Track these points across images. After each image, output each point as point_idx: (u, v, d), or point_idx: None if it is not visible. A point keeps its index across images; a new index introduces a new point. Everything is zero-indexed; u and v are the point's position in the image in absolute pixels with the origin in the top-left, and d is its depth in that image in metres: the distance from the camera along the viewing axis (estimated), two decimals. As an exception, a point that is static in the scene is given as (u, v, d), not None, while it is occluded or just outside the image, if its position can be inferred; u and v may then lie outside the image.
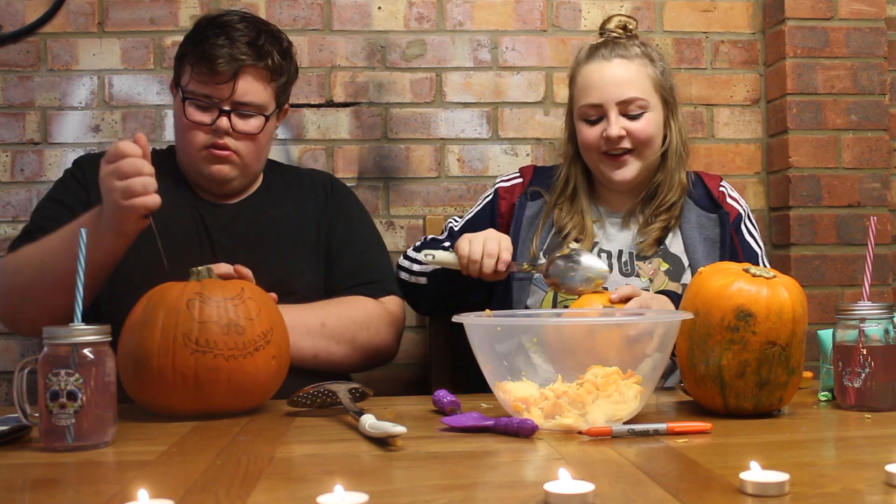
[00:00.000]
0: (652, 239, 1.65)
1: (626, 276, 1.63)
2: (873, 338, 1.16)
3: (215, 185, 1.61)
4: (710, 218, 1.68)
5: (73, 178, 1.63)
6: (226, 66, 1.51)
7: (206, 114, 1.55)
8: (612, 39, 1.66)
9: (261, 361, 1.20)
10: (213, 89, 1.53)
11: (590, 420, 1.03)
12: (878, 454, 0.90)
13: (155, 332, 1.16)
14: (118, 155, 1.30)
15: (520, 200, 1.72)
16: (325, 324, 1.52)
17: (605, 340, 1.12)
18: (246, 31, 1.55)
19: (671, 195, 1.67)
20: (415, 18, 2.16)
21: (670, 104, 1.67)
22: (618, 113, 1.61)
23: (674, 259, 1.65)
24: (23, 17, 2.07)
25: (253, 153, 1.60)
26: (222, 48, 1.51)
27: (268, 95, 1.59)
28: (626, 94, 1.61)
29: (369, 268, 1.67)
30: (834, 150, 2.14)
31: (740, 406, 1.12)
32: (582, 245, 1.64)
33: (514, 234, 1.67)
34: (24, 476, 0.89)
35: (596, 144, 1.64)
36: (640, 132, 1.62)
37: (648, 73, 1.63)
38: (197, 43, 1.54)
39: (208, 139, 1.55)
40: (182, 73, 1.58)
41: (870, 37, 2.14)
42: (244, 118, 1.56)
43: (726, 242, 1.65)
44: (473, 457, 0.93)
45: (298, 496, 0.76)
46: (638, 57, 1.64)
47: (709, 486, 0.77)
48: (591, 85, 1.63)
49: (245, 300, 1.22)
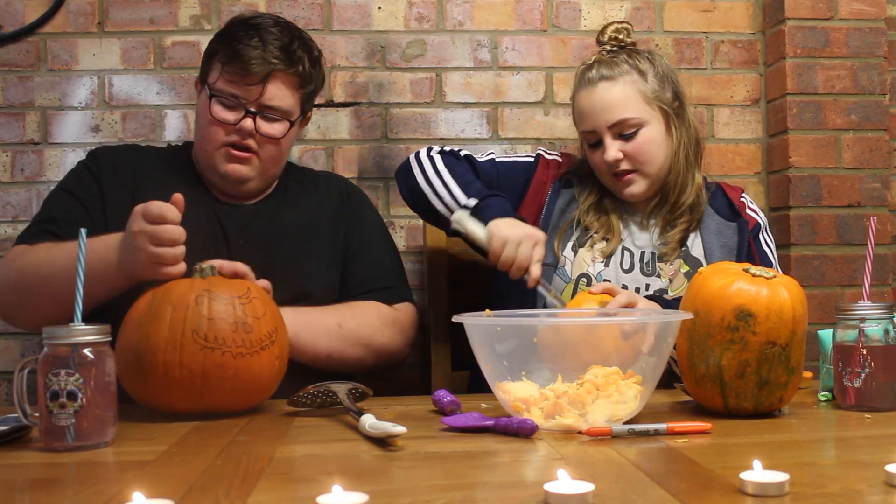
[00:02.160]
0: (675, 242, 1.65)
1: (647, 277, 1.63)
2: (873, 338, 1.16)
3: (230, 184, 1.60)
4: (729, 226, 1.68)
5: (87, 170, 1.61)
6: (257, 68, 1.51)
7: (231, 113, 1.54)
8: (598, 60, 1.64)
9: (266, 361, 1.20)
10: (241, 90, 1.53)
11: (590, 420, 1.03)
12: (878, 454, 0.90)
13: (162, 327, 1.15)
14: (158, 217, 1.26)
15: (554, 186, 1.72)
16: (341, 325, 1.52)
17: (604, 339, 1.12)
18: (279, 36, 1.54)
19: (685, 197, 1.67)
20: (415, 18, 2.16)
21: (669, 112, 1.64)
22: (612, 136, 1.61)
23: (694, 262, 1.65)
24: (23, 17, 2.07)
25: (273, 157, 1.60)
26: (255, 49, 1.51)
27: (294, 102, 1.59)
28: (615, 118, 1.60)
29: (384, 274, 1.68)
30: (834, 150, 2.14)
31: (740, 406, 1.12)
32: (609, 244, 1.64)
33: (546, 220, 1.67)
34: (24, 476, 0.89)
35: (602, 168, 1.66)
36: (636, 152, 1.61)
37: (638, 88, 1.61)
38: (230, 42, 1.53)
39: (229, 138, 1.55)
40: (211, 70, 1.57)
41: (870, 37, 2.14)
42: (269, 121, 1.56)
43: (743, 251, 1.66)
44: (473, 457, 0.93)
45: (298, 496, 0.76)
46: (624, 74, 1.61)
47: (709, 486, 0.77)
48: (583, 112, 1.64)
49: (252, 299, 1.22)
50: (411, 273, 2.13)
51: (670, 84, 1.66)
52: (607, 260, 1.64)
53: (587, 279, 1.61)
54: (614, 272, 1.63)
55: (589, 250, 1.64)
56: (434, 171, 1.66)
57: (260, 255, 1.55)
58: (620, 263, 1.64)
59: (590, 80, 1.63)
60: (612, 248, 1.64)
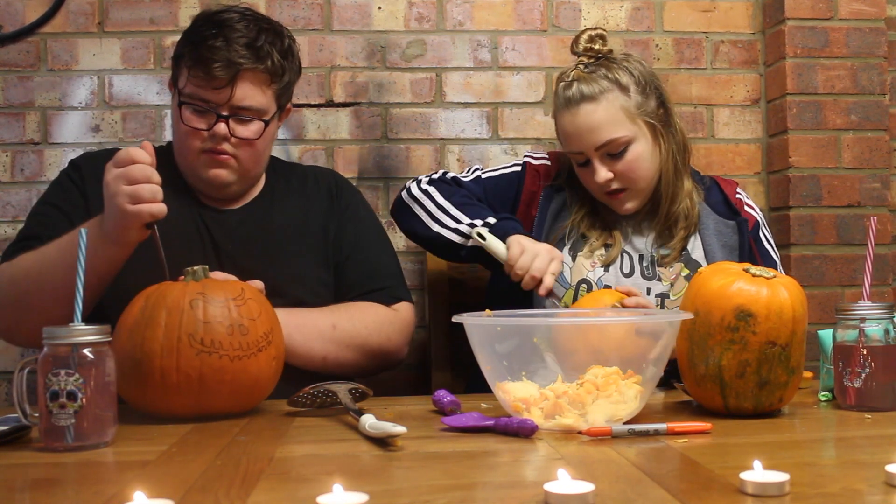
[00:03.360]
0: (676, 251, 1.64)
1: (648, 280, 1.63)
2: (873, 338, 1.16)
3: (214, 189, 1.58)
4: (728, 225, 1.68)
5: (70, 180, 1.58)
6: (222, 72, 1.46)
7: (203, 119, 1.50)
8: (577, 78, 1.59)
9: (263, 363, 1.19)
10: (210, 94, 1.48)
11: (590, 420, 1.03)
12: (878, 454, 0.90)
13: (157, 332, 1.14)
14: (128, 160, 1.28)
15: (546, 192, 1.70)
16: (336, 327, 1.50)
17: (607, 338, 1.12)
18: (245, 32, 1.49)
19: (676, 206, 1.65)
20: (415, 18, 2.16)
21: (655, 124, 1.61)
22: (600, 157, 1.59)
23: (695, 265, 1.64)
24: (23, 17, 2.07)
25: (252, 158, 1.56)
26: (219, 51, 1.46)
27: (267, 99, 1.53)
28: (601, 139, 1.57)
29: (380, 274, 1.65)
30: (834, 150, 2.14)
31: (740, 406, 1.12)
32: (610, 251, 1.64)
33: (539, 224, 1.66)
34: (24, 476, 0.89)
35: (593, 187, 1.64)
36: (626, 171, 1.59)
37: (621, 105, 1.57)
38: (194, 44, 1.48)
39: (205, 144, 1.51)
40: (179, 74, 1.53)
41: (870, 37, 2.14)
42: (243, 123, 1.51)
43: (745, 249, 1.65)
44: (473, 457, 0.93)
45: (298, 496, 0.76)
46: (606, 91, 1.57)
47: (709, 486, 0.77)
48: (568, 135, 1.61)
49: (247, 301, 1.21)
50: (411, 273, 2.13)
51: (653, 91, 1.62)
52: (607, 266, 1.63)
53: (587, 285, 1.60)
54: (615, 277, 1.62)
55: (588, 256, 1.63)
56: (435, 205, 1.65)
57: (249, 260, 1.53)
58: (620, 267, 1.63)
59: (570, 101, 1.58)
60: (613, 256, 1.63)
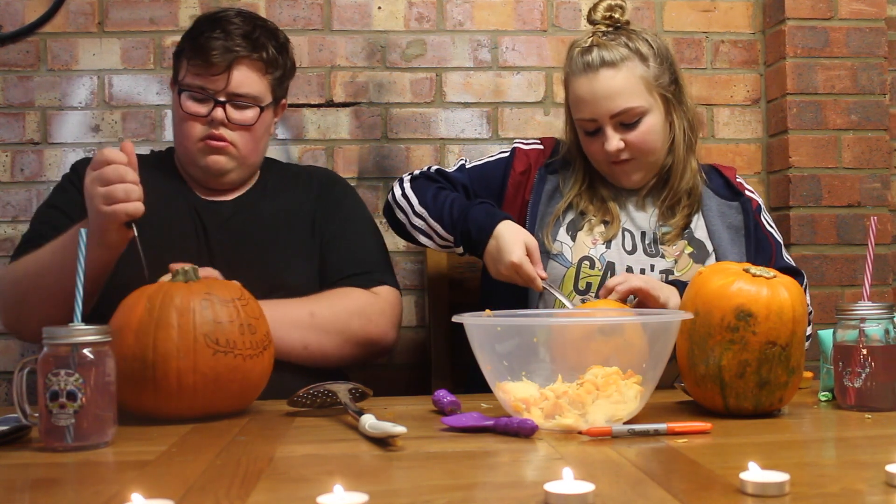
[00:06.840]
0: (678, 228, 1.64)
1: (651, 258, 1.61)
2: (873, 338, 1.16)
3: (212, 177, 1.61)
4: (731, 206, 1.67)
5: (70, 183, 1.63)
6: (220, 58, 1.54)
7: (201, 105, 1.57)
8: (597, 43, 1.57)
9: (266, 361, 1.21)
10: (208, 81, 1.56)
11: (590, 420, 1.03)
12: (878, 454, 0.90)
13: (171, 333, 1.12)
14: (102, 162, 1.31)
15: (540, 173, 1.68)
16: (314, 314, 1.51)
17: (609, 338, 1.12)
18: (241, 25, 1.58)
19: (684, 182, 1.65)
20: (415, 18, 2.16)
21: (669, 97, 1.61)
22: (614, 126, 1.57)
23: (698, 244, 1.64)
24: (23, 17, 2.07)
25: (249, 144, 1.61)
26: (217, 40, 1.54)
27: (263, 87, 1.61)
28: (618, 107, 1.55)
29: (361, 259, 1.66)
30: (834, 150, 2.14)
31: (740, 406, 1.12)
32: (609, 228, 1.63)
33: (533, 207, 1.65)
34: (24, 476, 0.89)
35: (599, 157, 1.63)
36: (638, 142, 1.58)
37: (639, 74, 1.56)
38: (194, 38, 1.57)
39: (204, 131, 1.57)
40: (179, 68, 1.61)
41: (870, 37, 2.14)
42: (239, 109, 1.58)
43: (750, 229, 1.64)
44: (473, 457, 0.93)
45: (298, 496, 0.76)
46: (626, 59, 1.56)
47: (709, 486, 0.77)
48: (583, 100, 1.58)
49: (248, 300, 1.22)
50: (411, 273, 2.13)
51: (669, 66, 1.61)
52: (609, 242, 1.62)
53: (590, 262, 1.59)
54: (617, 254, 1.61)
55: (588, 233, 1.62)
56: (413, 212, 1.64)
57: (238, 249, 1.56)
58: (623, 245, 1.62)
59: (589, 66, 1.56)
60: (613, 233, 1.62)
